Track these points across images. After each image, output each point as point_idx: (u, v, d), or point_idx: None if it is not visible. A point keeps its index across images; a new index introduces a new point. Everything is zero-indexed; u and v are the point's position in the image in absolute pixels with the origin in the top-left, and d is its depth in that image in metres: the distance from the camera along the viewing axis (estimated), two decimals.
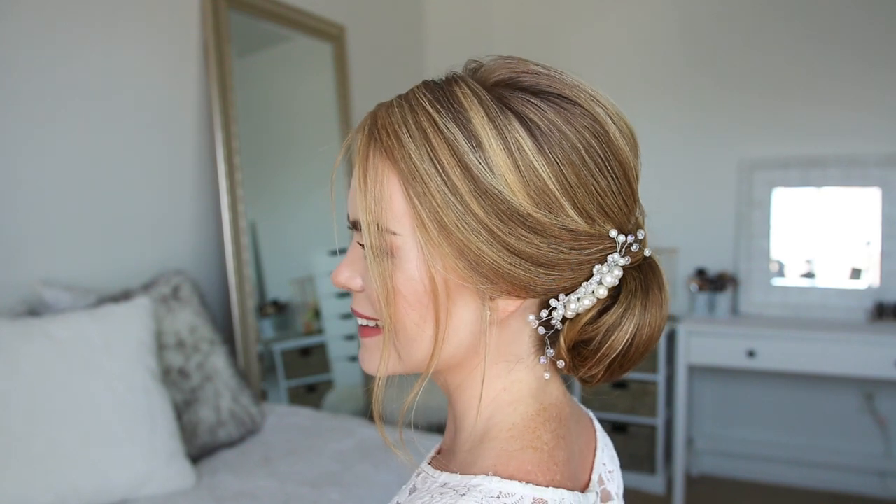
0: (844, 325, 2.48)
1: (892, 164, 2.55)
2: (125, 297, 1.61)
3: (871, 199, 2.59)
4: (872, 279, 2.59)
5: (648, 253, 0.55)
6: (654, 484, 2.76)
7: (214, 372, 1.69)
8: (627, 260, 0.53)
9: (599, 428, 0.65)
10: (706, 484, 2.86)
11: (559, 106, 0.49)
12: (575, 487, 0.52)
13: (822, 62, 2.67)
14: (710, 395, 2.97)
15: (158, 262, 1.91)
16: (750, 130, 2.79)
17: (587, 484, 0.57)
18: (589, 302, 0.52)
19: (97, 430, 1.32)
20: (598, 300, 0.53)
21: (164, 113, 1.94)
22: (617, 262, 0.52)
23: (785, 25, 2.71)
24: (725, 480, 2.89)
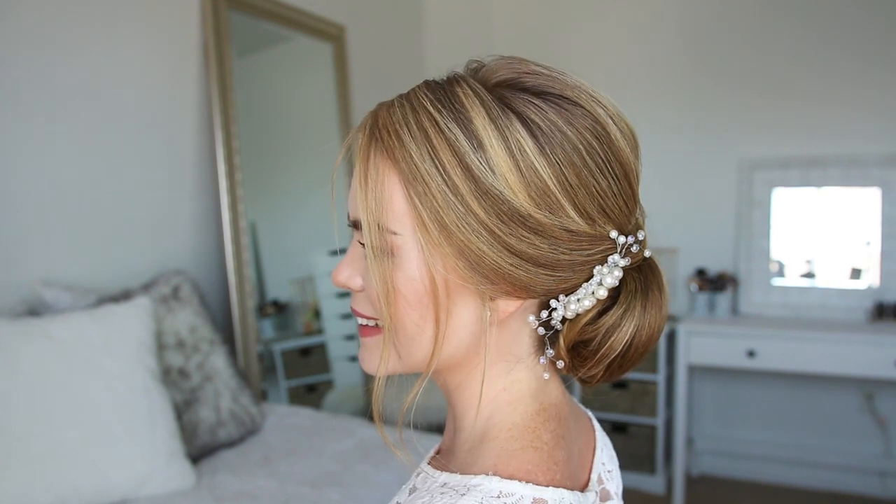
0: (844, 325, 2.48)
1: (892, 164, 2.55)
2: (125, 297, 1.61)
3: (871, 199, 2.59)
4: (872, 279, 2.59)
5: (648, 254, 0.55)
6: (654, 484, 2.76)
7: (214, 372, 1.69)
8: (627, 261, 0.53)
9: (598, 427, 0.65)
10: (706, 484, 2.86)
11: (560, 107, 0.49)
12: (574, 487, 0.52)
13: (822, 62, 2.67)
14: (710, 395, 2.97)
15: (158, 262, 1.91)
16: (750, 130, 2.79)
17: (586, 483, 0.57)
18: (589, 303, 0.52)
19: (97, 430, 1.32)
20: (597, 301, 0.53)
21: (164, 113, 1.94)
22: (617, 262, 0.52)
23: (785, 25, 2.72)
24: (725, 480, 2.89)
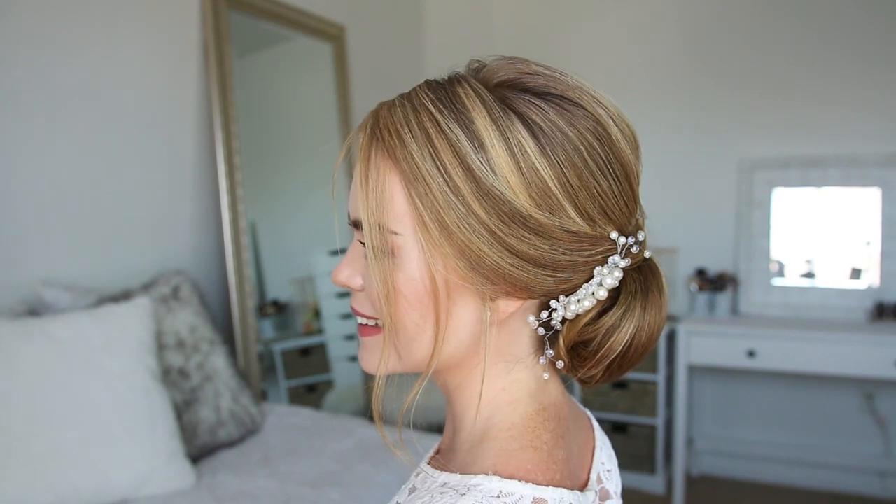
0: (844, 325, 2.48)
1: (892, 164, 2.55)
2: (125, 297, 1.61)
3: (871, 199, 2.59)
4: (872, 279, 2.59)
5: (648, 255, 0.55)
6: (654, 484, 2.76)
7: (214, 372, 1.69)
8: (628, 262, 0.53)
9: (597, 427, 0.65)
10: (706, 484, 2.86)
11: (562, 107, 0.49)
12: (574, 486, 0.52)
13: (822, 62, 2.67)
14: (710, 395, 2.97)
15: (158, 262, 1.91)
16: (750, 130, 2.79)
17: (586, 483, 0.57)
18: (589, 303, 0.52)
19: (97, 430, 1.32)
20: (597, 301, 0.53)
21: (164, 113, 1.94)
22: (617, 263, 0.52)
23: (785, 25, 2.72)
24: (725, 480, 2.89)
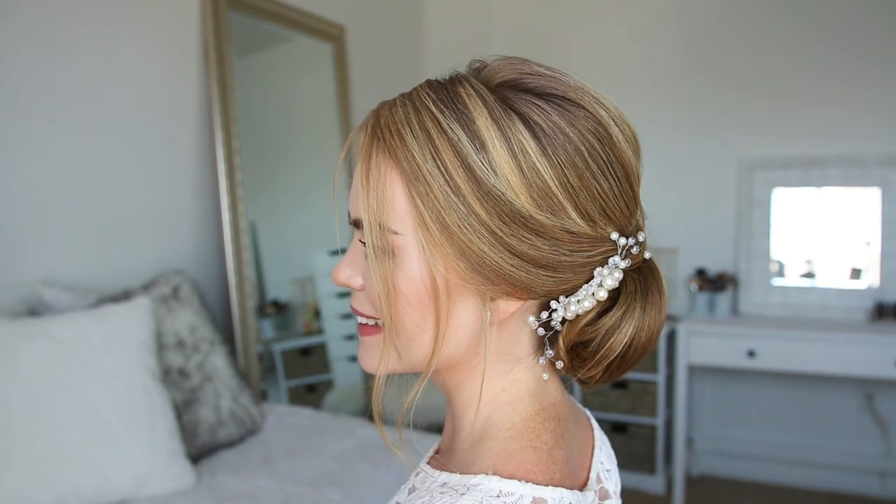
0: (844, 325, 2.48)
1: (892, 164, 2.55)
2: (125, 297, 1.61)
3: (871, 199, 2.59)
4: (872, 279, 2.59)
5: (648, 255, 0.55)
6: (654, 484, 2.76)
7: (214, 372, 1.69)
8: (628, 262, 0.53)
9: (597, 427, 0.65)
10: (706, 484, 2.86)
11: (563, 108, 0.49)
12: (574, 486, 0.52)
13: (822, 62, 2.67)
14: (710, 395, 2.97)
15: (158, 262, 1.91)
16: (750, 130, 2.79)
17: (585, 482, 0.57)
18: (589, 304, 0.52)
19: (97, 430, 1.32)
20: (597, 302, 0.53)
21: (164, 113, 1.94)
22: (617, 264, 0.52)
23: (785, 25, 2.72)
24: (725, 480, 2.89)
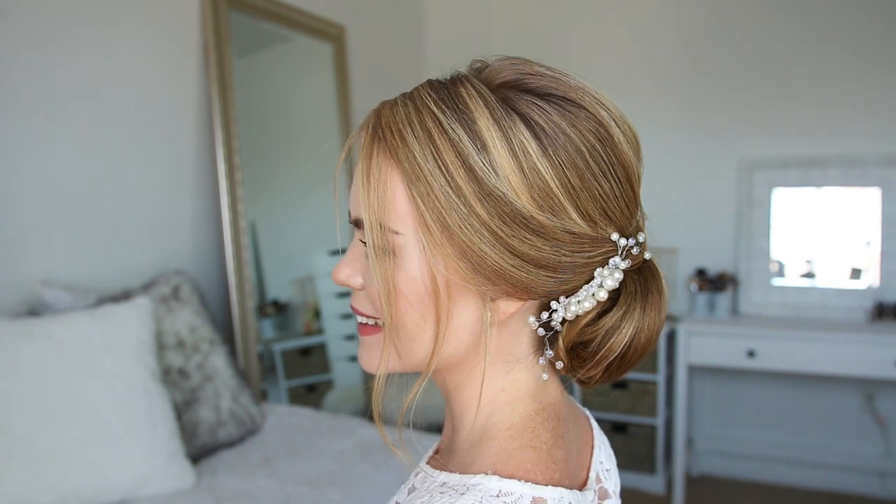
0: (844, 325, 2.48)
1: (892, 164, 2.55)
2: (125, 297, 1.61)
3: (871, 199, 2.59)
4: (872, 279, 2.59)
5: (648, 256, 0.55)
6: (654, 484, 2.76)
7: (214, 372, 1.69)
8: (628, 263, 0.53)
9: (596, 426, 0.66)
10: (706, 484, 2.86)
11: (564, 109, 0.49)
12: (573, 486, 0.52)
13: (822, 62, 2.67)
14: (710, 395, 2.97)
15: (158, 262, 1.91)
16: (750, 130, 2.79)
17: (585, 482, 0.57)
18: (589, 304, 0.52)
19: (97, 430, 1.32)
20: (598, 303, 0.53)
21: (164, 113, 1.94)
22: (618, 265, 0.52)
23: (785, 25, 2.72)
24: (725, 480, 2.89)
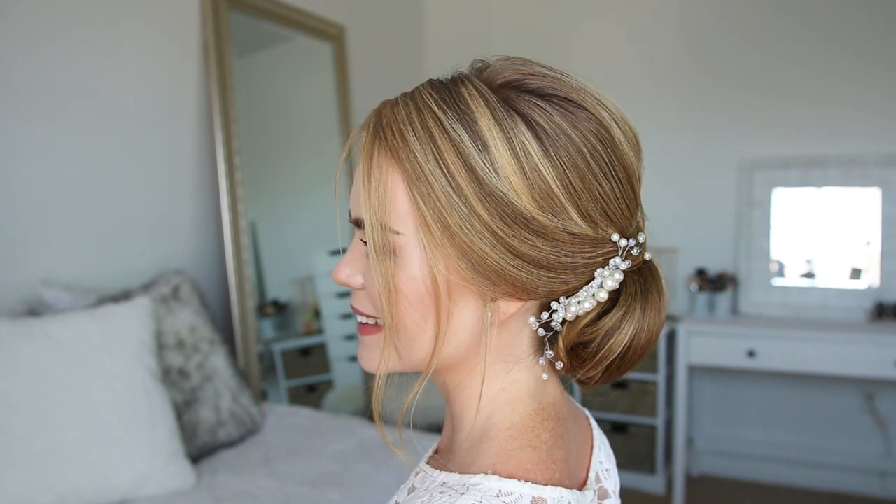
0: (844, 325, 2.48)
1: (892, 164, 2.55)
2: (125, 297, 1.61)
3: (871, 199, 2.59)
4: (872, 279, 2.59)
5: (648, 256, 0.55)
6: (654, 484, 2.76)
7: (214, 372, 1.69)
8: (628, 264, 0.53)
9: (596, 426, 0.66)
10: (706, 484, 2.86)
11: (565, 109, 0.49)
12: (573, 486, 0.53)
13: (822, 62, 2.67)
14: (710, 395, 2.97)
15: (158, 262, 1.91)
16: (750, 130, 2.79)
17: (585, 482, 0.57)
18: (589, 305, 0.52)
19: (97, 430, 1.32)
20: (598, 303, 0.53)
21: (164, 113, 1.94)
22: (618, 265, 0.52)
23: (785, 25, 2.72)
24: (725, 480, 2.89)
